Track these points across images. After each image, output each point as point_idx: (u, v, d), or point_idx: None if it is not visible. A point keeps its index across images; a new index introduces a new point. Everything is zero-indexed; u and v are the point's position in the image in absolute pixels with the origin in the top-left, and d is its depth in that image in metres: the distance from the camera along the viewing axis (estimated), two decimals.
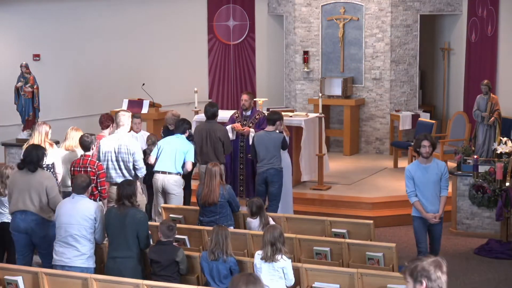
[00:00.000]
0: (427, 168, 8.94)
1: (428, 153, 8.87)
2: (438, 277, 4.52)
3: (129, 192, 7.80)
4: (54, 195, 8.33)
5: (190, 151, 10.16)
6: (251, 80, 17.20)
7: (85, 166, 9.11)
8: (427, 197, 8.95)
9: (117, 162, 9.52)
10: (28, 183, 8.30)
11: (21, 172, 8.38)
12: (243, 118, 11.73)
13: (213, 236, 7.50)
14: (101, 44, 15.67)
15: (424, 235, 9.02)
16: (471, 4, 15.39)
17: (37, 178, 8.30)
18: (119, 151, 9.52)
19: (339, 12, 15.52)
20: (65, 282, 7.36)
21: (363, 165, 14.49)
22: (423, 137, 8.93)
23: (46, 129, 9.88)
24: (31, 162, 8.29)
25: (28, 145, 8.76)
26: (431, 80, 17.03)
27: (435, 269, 4.54)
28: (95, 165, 9.11)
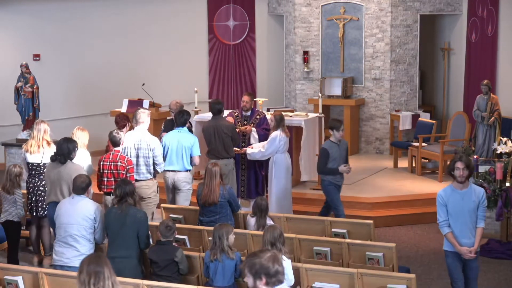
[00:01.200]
0: (463, 195, 7.79)
1: (463, 176, 7.77)
2: (276, 272, 4.73)
3: (131, 189, 7.84)
4: None
5: (195, 145, 10.24)
6: (251, 80, 17.20)
7: (115, 160, 9.24)
8: (461, 228, 7.76)
9: (137, 158, 9.67)
10: (59, 175, 8.69)
11: (53, 164, 8.78)
12: (243, 118, 11.74)
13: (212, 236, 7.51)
14: (101, 44, 15.68)
15: (459, 273, 7.91)
16: (471, 4, 15.39)
17: (67, 170, 8.63)
18: (139, 147, 9.68)
19: (339, 12, 15.52)
20: (65, 282, 7.36)
21: (363, 165, 14.48)
22: (457, 158, 7.87)
23: (44, 127, 9.96)
24: (62, 154, 8.61)
25: (62, 138, 8.89)
26: (431, 80, 17.03)
27: (273, 264, 4.74)
28: (125, 160, 9.28)
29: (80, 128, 10.02)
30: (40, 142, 9.87)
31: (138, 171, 9.63)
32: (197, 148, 10.26)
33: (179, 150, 10.17)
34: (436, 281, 9.49)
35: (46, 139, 9.93)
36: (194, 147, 10.22)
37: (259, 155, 11.18)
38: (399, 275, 7.30)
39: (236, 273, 7.55)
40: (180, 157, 10.18)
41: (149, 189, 9.67)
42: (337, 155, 10.45)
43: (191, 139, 10.27)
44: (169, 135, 10.36)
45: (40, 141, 9.86)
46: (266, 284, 4.75)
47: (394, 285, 7.08)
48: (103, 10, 15.67)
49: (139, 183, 9.51)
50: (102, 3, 15.65)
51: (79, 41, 15.42)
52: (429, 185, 12.95)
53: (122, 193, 7.79)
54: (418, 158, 13.66)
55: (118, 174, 9.21)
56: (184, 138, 10.21)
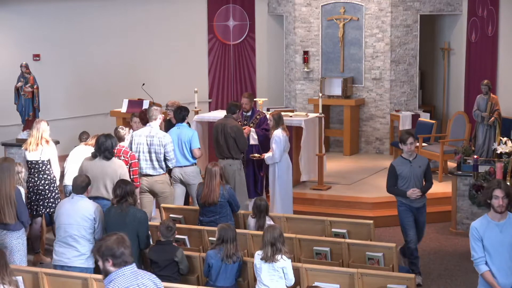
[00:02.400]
0: (502, 227, 6.71)
1: (503, 206, 6.66)
2: (122, 253, 5.23)
3: (131, 189, 7.85)
4: None
5: (194, 138, 10.35)
6: (251, 80, 17.20)
7: (118, 155, 9.32)
8: (500, 266, 6.74)
9: (149, 153, 9.83)
10: (102, 171, 8.69)
11: (94, 160, 8.77)
12: (244, 119, 11.74)
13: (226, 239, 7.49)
14: (101, 44, 15.67)
15: None
16: (471, 4, 15.38)
17: (112, 165, 8.72)
18: (152, 143, 9.84)
19: (339, 12, 15.53)
20: (65, 282, 7.37)
21: (363, 165, 14.48)
22: (495, 185, 6.72)
23: (44, 126, 10.06)
24: (107, 150, 8.68)
25: (101, 134, 8.99)
26: (431, 80, 17.03)
27: (118, 246, 5.22)
28: (128, 155, 9.42)
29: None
30: (39, 140, 9.95)
31: (153, 167, 9.84)
32: (196, 141, 10.37)
33: (180, 146, 10.30)
34: (436, 281, 9.49)
35: (45, 137, 10.02)
36: (193, 140, 10.34)
37: (272, 159, 11.15)
38: (399, 275, 7.30)
39: (237, 274, 7.56)
40: (181, 152, 10.32)
41: (162, 184, 9.90)
42: (408, 173, 9.19)
43: (189, 132, 10.40)
44: (170, 132, 10.44)
45: (39, 139, 9.95)
46: (113, 265, 5.24)
47: (394, 285, 7.08)
48: (103, 10, 15.66)
49: (152, 179, 9.81)
50: (102, 3, 15.64)
51: (79, 41, 15.41)
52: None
53: (122, 193, 7.80)
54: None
55: None
56: (183, 133, 10.33)
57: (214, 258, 7.48)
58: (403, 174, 9.18)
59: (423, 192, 9.25)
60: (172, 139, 10.19)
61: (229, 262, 7.44)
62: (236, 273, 7.55)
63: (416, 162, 9.23)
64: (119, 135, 9.64)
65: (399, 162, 9.26)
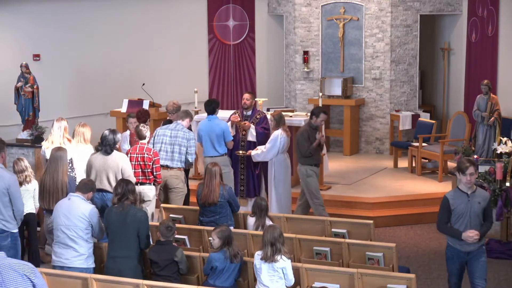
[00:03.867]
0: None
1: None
2: None
3: (132, 188, 7.87)
4: (128, 174, 9.06)
5: (226, 131, 10.80)
6: (251, 80, 17.20)
7: (142, 152, 9.62)
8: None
9: (171, 145, 10.22)
10: (105, 164, 9.03)
11: (96, 154, 9.15)
12: (244, 118, 11.74)
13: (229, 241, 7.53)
14: (101, 44, 15.67)
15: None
16: (471, 4, 15.38)
17: (113, 159, 9.05)
18: (176, 136, 10.25)
19: (339, 12, 15.53)
20: (65, 282, 7.37)
21: (363, 165, 14.49)
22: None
23: (64, 124, 10.28)
24: (108, 145, 9.02)
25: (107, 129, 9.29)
26: (431, 80, 17.03)
27: None
28: (151, 152, 9.68)
29: (81, 124, 10.16)
30: (61, 139, 10.11)
31: (172, 158, 10.18)
32: (229, 134, 10.84)
33: (211, 137, 10.71)
34: (436, 281, 9.49)
35: (66, 136, 10.20)
36: (226, 133, 10.78)
37: (261, 156, 11.16)
38: (399, 275, 7.30)
39: (238, 274, 7.57)
40: (211, 143, 10.73)
41: (177, 179, 10.13)
42: (464, 209, 7.68)
43: (222, 125, 10.81)
44: (201, 124, 10.90)
45: (61, 138, 10.12)
46: None
47: (394, 285, 7.08)
48: (103, 10, 15.66)
49: (167, 172, 10.08)
50: (102, 3, 15.64)
51: (79, 41, 15.41)
52: (429, 185, 12.95)
53: (123, 191, 7.80)
54: (418, 158, 13.65)
55: (145, 166, 9.62)
56: (214, 125, 10.74)
57: (219, 260, 7.47)
58: (458, 210, 7.69)
59: (481, 235, 7.70)
60: (203, 130, 10.67)
61: (237, 261, 7.47)
62: (238, 273, 7.56)
63: (475, 197, 7.71)
64: (141, 134, 9.83)
65: (455, 195, 7.74)
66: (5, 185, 7.95)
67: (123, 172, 9.05)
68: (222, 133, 10.75)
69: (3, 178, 7.95)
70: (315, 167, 11.09)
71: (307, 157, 10.96)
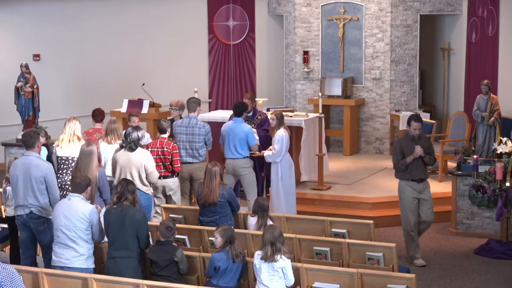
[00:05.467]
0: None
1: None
2: None
3: (132, 188, 7.84)
4: (151, 171, 9.39)
5: (250, 135, 10.89)
6: (251, 80, 17.20)
7: (162, 147, 10.05)
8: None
9: (188, 143, 10.55)
10: (129, 161, 9.31)
11: (121, 151, 9.44)
12: (245, 119, 11.73)
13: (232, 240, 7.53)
14: (101, 44, 15.68)
15: None
16: (471, 4, 15.38)
17: (137, 156, 9.33)
18: (192, 133, 10.55)
19: (339, 12, 15.53)
20: (65, 282, 7.37)
21: (363, 165, 14.48)
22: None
23: (76, 124, 10.35)
24: (132, 141, 9.30)
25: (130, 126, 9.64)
26: (431, 80, 17.03)
27: None
28: (170, 146, 10.10)
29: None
30: (71, 137, 10.18)
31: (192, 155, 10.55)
32: (253, 137, 10.96)
33: (233, 139, 10.84)
34: (436, 281, 9.49)
35: (77, 134, 10.29)
36: (249, 136, 10.88)
37: (272, 157, 11.15)
38: (399, 275, 7.30)
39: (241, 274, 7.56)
40: (233, 145, 10.86)
41: (201, 170, 10.28)
42: None
43: (246, 128, 10.90)
44: (225, 125, 11.05)
45: (71, 136, 10.18)
46: None
47: (394, 285, 7.08)
48: (103, 10, 15.67)
49: (192, 166, 10.51)
50: (102, 3, 15.65)
51: (79, 41, 15.42)
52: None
53: (122, 190, 7.79)
54: None
55: (165, 159, 10.05)
56: (238, 129, 10.85)
57: (221, 260, 7.47)
58: None
59: None
60: (227, 131, 10.88)
61: (239, 261, 7.46)
62: (240, 273, 7.55)
63: None
64: (162, 127, 10.18)
65: None
66: (42, 173, 8.40)
67: (146, 169, 9.35)
68: (245, 136, 10.82)
69: (40, 167, 8.41)
70: (413, 182, 10.03)
71: (401, 171, 10.06)
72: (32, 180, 8.37)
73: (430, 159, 10.02)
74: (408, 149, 9.90)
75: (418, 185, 9.98)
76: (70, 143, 10.07)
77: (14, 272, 5.79)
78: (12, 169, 8.65)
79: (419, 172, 9.95)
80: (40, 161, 8.51)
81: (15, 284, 5.75)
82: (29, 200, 8.42)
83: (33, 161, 8.42)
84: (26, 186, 8.42)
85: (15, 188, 8.52)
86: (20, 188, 8.46)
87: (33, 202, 8.41)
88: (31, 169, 8.38)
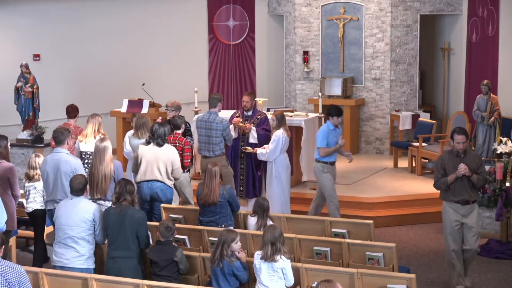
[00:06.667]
0: None
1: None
2: None
3: (131, 188, 7.83)
4: (177, 166, 9.67)
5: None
6: (251, 80, 17.20)
7: (175, 142, 10.30)
8: None
9: (208, 137, 10.88)
10: (156, 156, 9.56)
11: (148, 146, 9.65)
12: (245, 119, 11.74)
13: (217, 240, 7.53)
14: (101, 44, 15.68)
15: None
16: (471, 4, 15.38)
17: (164, 151, 9.60)
18: (210, 128, 10.86)
19: (339, 12, 15.53)
20: (65, 282, 7.37)
21: (363, 165, 14.48)
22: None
23: (99, 120, 10.73)
24: (159, 137, 9.56)
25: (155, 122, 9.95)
26: (431, 80, 17.03)
27: None
28: (183, 141, 10.39)
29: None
30: (95, 133, 10.54)
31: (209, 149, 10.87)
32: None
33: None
34: (436, 281, 9.49)
35: (101, 131, 10.60)
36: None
37: (265, 156, 11.18)
38: (399, 275, 7.30)
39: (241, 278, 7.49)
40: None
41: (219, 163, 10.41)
42: None
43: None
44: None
45: (95, 132, 10.55)
46: None
47: (394, 285, 7.08)
48: (103, 10, 15.66)
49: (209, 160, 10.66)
50: (102, 3, 15.64)
51: (79, 41, 15.42)
52: (429, 185, 12.87)
53: (121, 190, 7.78)
54: (418, 158, 13.66)
55: None
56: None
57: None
58: None
59: None
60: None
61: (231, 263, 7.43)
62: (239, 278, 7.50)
63: None
64: (176, 123, 10.52)
65: None
66: (72, 168, 8.76)
67: (173, 164, 9.61)
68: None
69: (69, 162, 8.80)
70: (456, 204, 8.95)
71: (443, 191, 9.04)
72: (61, 176, 8.72)
73: (479, 179, 8.90)
74: (451, 166, 8.90)
75: (462, 207, 8.92)
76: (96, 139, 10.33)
77: (23, 272, 6.00)
78: (42, 165, 9.05)
79: (463, 193, 8.88)
80: (69, 157, 8.90)
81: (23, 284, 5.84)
82: (58, 195, 8.78)
83: (62, 157, 8.81)
84: (56, 181, 8.81)
85: (46, 183, 8.91)
86: (50, 183, 8.85)
87: (62, 197, 8.64)
88: (60, 165, 8.75)
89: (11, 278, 5.90)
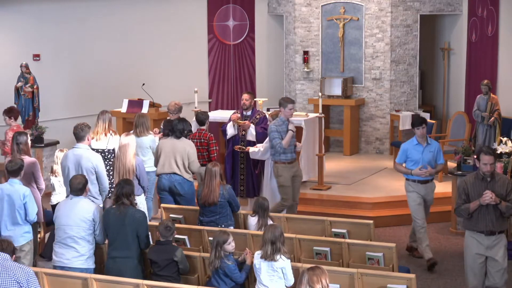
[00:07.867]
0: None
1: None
2: None
3: (128, 190, 7.81)
4: (193, 159, 9.98)
5: None
6: (251, 80, 17.20)
7: (199, 137, 10.67)
8: None
9: None
10: (174, 148, 9.93)
11: (167, 139, 10.12)
12: (244, 118, 11.75)
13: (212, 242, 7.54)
14: (101, 44, 15.67)
15: None
16: (471, 4, 15.38)
17: (182, 144, 9.96)
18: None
19: (339, 12, 15.53)
20: (65, 282, 7.37)
21: (363, 165, 14.48)
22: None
23: (109, 117, 10.76)
24: (177, 130, 9.96)
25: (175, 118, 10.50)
26: (431, 80, 17.03)
27: None
28: (207, 136, 10.74)
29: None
30: (106, 130, 10.57)
31: None
32: None
33: None
34: (436, 281, 9.49)
35: (111, 128, 10.67)
36: None
37: (258, 155, 11.18)
38: (399, 275, 7.30)
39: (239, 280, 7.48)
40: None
41: None
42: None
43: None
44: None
45: (106, 129, 10.58)
46: None
47: (394, 285, 7.08)
48: (103, 10, 15.66)
49: None
50: (102, 3, 15.64)
51: (79, 41, 15.41)
52: None
53: (118, 193, 7.78)
54: None
55: (203, 149, 10.64)
56: None
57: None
58: None
59: None
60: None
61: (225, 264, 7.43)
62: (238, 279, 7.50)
63: None
64: (200, 119, 10.91)
65: None
66: (93, 164, 8.90)
67: (189, 157, 9.91)
68: None
69: (90, 158, 8.93)
70: (479, 234, 7.85)
71: (465, 219, 8.00)
72: (83, 171, 8.81)
73: (507, 207, 7.67)
74: (475, 192, 7.77)
75: (487, 238, 7.76)
76: (107, 136, 10.52)
77: (32, 273, 6.16)
78: (63, 160, 9.11)
79: (487, 223, 7.73)
80: (90, 152, 9.04)
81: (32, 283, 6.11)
82: None
83: (83, 152, 8.92)
84: None
85: (67, 178, 8.86)
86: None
87: None
88: (81, 160, 8.86)
89: (20, 278, 6.07)
